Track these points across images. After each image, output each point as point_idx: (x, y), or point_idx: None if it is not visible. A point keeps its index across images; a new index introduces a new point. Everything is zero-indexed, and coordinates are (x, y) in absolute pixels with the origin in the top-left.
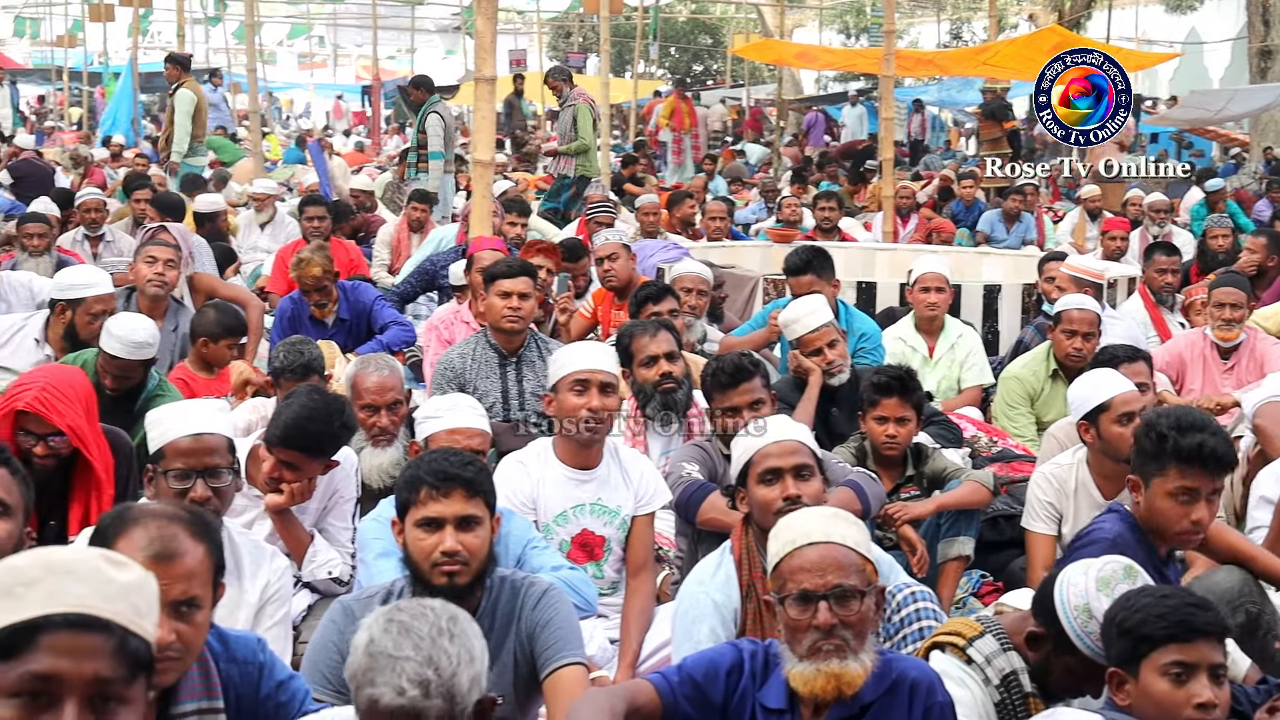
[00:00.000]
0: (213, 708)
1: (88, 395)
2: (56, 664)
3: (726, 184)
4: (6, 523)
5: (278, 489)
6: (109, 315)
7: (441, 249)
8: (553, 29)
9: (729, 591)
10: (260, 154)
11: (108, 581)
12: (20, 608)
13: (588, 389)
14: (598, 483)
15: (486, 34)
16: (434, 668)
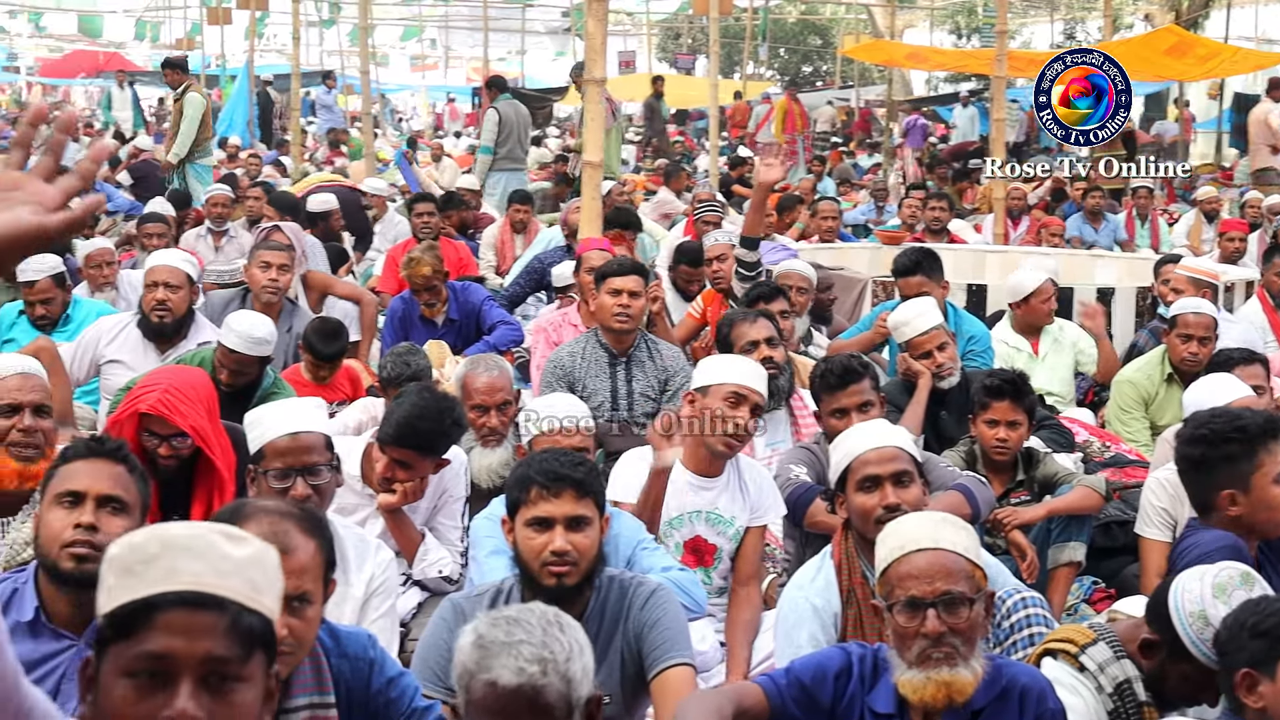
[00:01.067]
0: (324, 702)
1: (209, 395)
2: (170, 643)
3: (835, 185)
4: (123, 519)
5: (390, 489)
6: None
7: (549, 249)
8: (661, 30)
9: (828, 596)
10: (372, 155)
11: (224, 557)
12: (138, 585)
13: (741, 404)
14: (716, 491)
15: (597, 35)
16: (549, 650)
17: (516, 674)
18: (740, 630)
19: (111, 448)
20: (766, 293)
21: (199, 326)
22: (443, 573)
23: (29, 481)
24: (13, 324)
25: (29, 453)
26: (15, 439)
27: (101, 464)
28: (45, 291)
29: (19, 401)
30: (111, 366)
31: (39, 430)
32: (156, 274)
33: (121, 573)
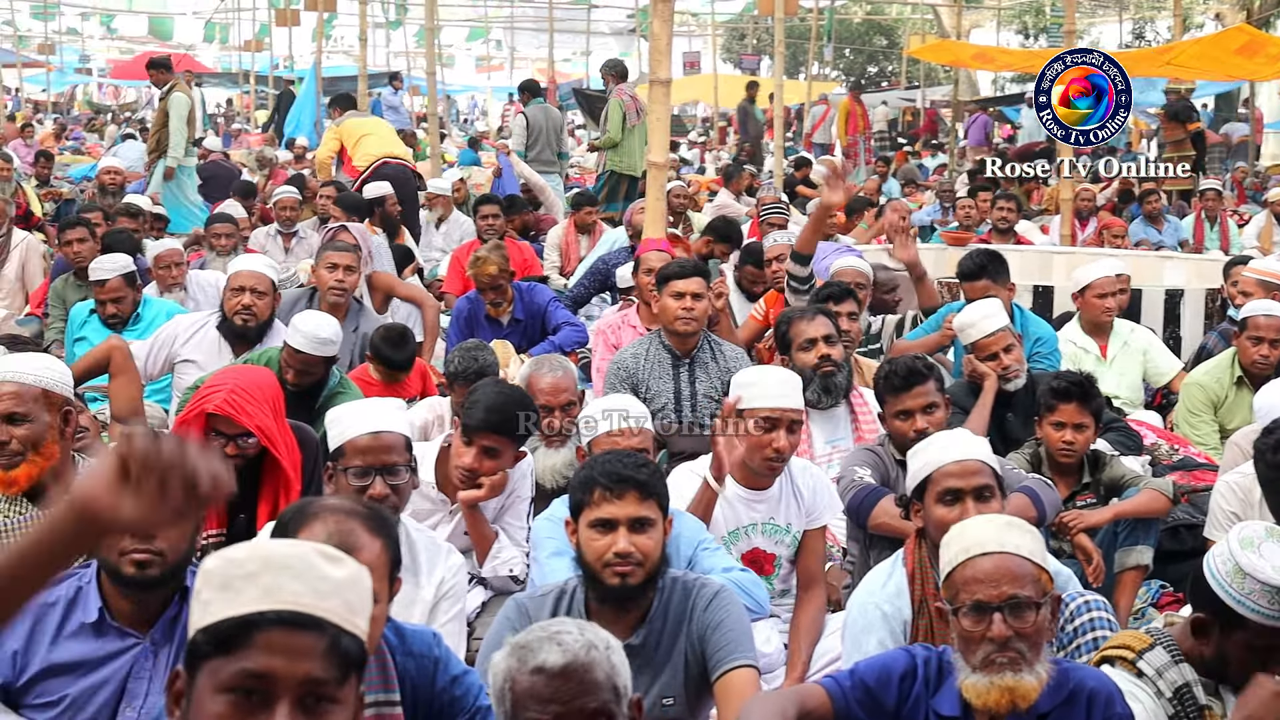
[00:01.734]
0: (389, 700)
1: (275, 395)
2: (270, 662)
3: (900, 186)
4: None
5: (476, 483)
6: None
7: (613, 250)
8: (727, 31)
9: (899, 604)
10: (439, 155)
11: (322, 578)
12: (238, 601)
13: (775, 427)
14: (770, 503)
15: (662, 36)
16: (589, 635)
17: (564, 654)
18: (802, 633)
19: None
20: (837, 293)
21: (275, 331)
22: (512, 572)
23: (11, 487)
24: (84, 322)
25: (3, 462)
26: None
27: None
28: (116, 291)
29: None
30: (185, 366)
31: (11, 439)
32: (242, 279)
33: (219, 588)
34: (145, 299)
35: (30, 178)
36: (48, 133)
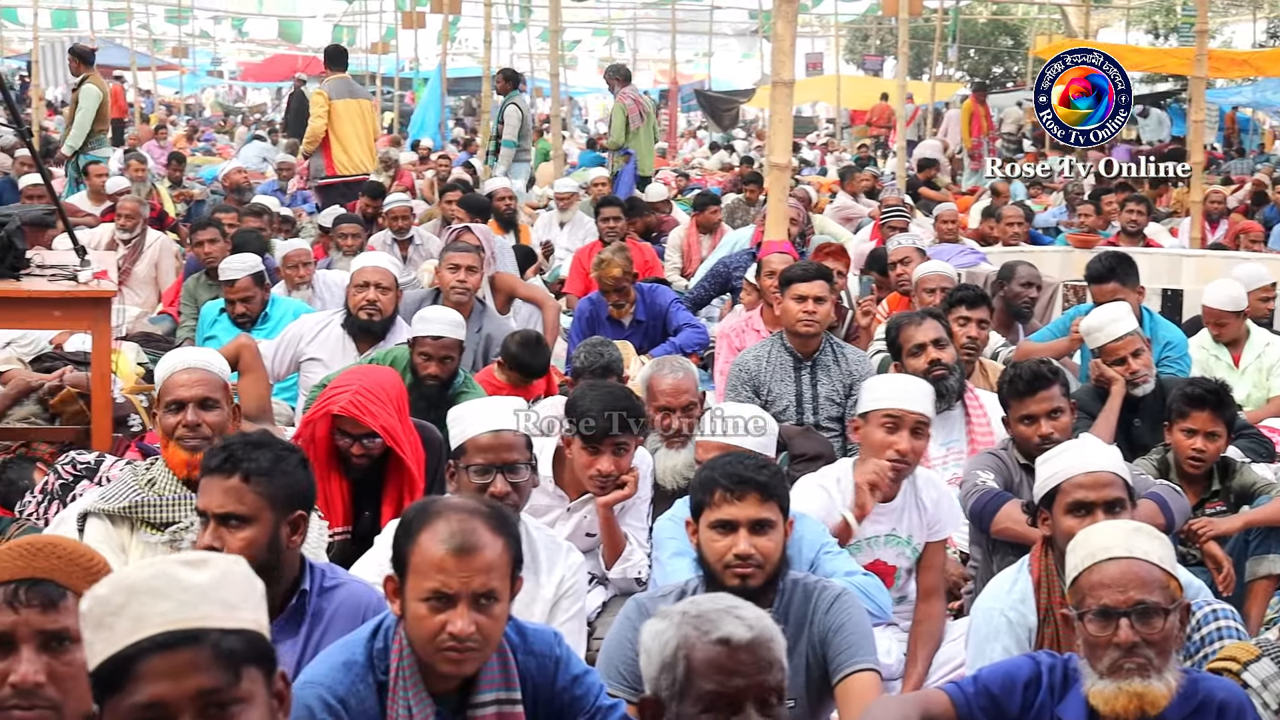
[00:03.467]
0: (510, 698)
1: (400, 395)
2: (157, 689)
3: (1025, 188)
4: (245, 531)
5: (617, 485)
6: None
7: (734, 252)
8: (850, 32)
9: (1024, 610)
10: (561, 156)
11: (187, 589)
12: (113, 638)
13: (899, 428)
14: (894, 515)
15: (786, 37)
16: (758, 611)
17: (749, 628)
18: (921, 641)
19: (216, 463)
20: (970, 298)
21: (398, 329)
22: (639, 574)
23: (197, 470)
24: (214, 321)
25: (193, 444)
26: (180, 433)
27: (215, 480)
28: (245, 290)
29: (183, 398)
30: (311, 364)
31: (202, 424)
32: (366, 274)
33: (95, 628)
34: (273, 298)
35: (163, 179)
36: (180, 135)
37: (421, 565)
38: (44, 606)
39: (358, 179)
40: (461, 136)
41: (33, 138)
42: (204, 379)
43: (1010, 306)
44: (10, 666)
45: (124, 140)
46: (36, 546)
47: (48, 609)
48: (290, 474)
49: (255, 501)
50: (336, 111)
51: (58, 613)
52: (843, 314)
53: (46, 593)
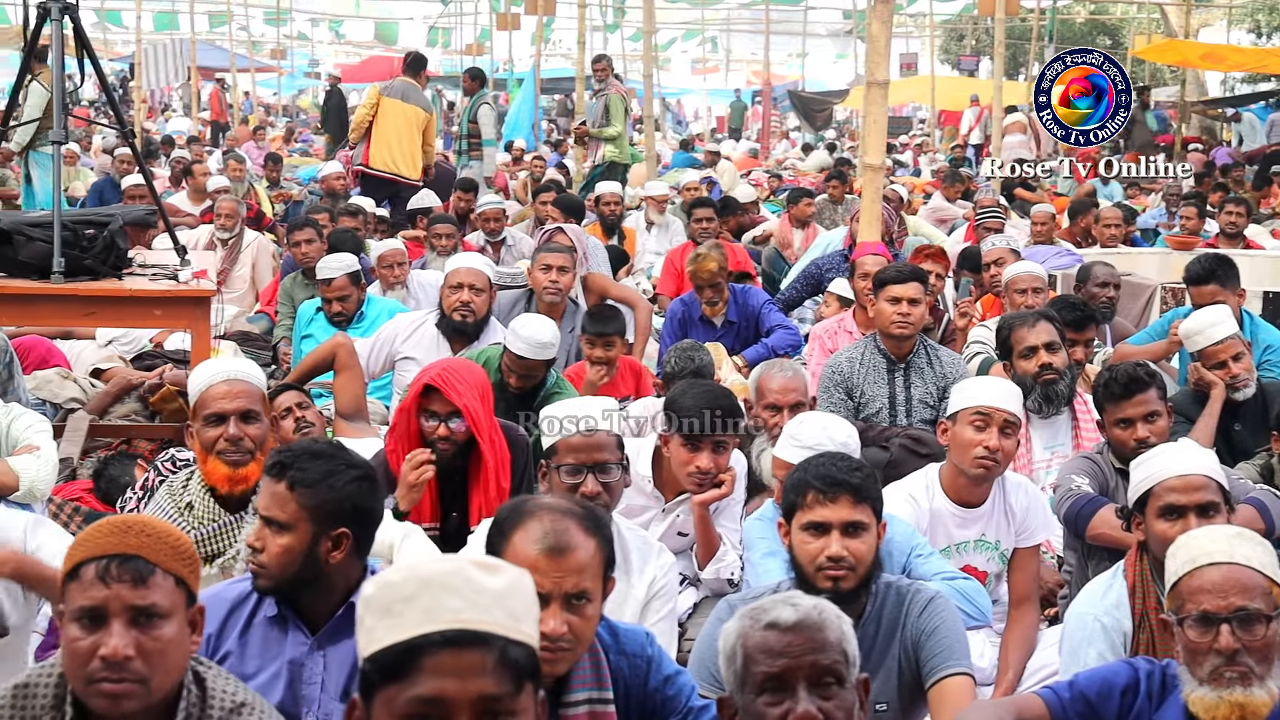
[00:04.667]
0: (603, 698)
1: (483, 384)
2: (441, 686)
3: (1122, 189)
4: (283, 537)
5: (715, 483)
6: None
7: (827, 253)
8: (944, 32)
9: (1118, 616)
10: (654, 158)
11: (481, 591)
12: (400, 626)
13: (988, 425)
14: (982, 521)
15: (881, 37)
16: (825, 602)
17: (796, 611)
18: (1013, 646)
19: (272, 466)
20: (1078, 319)
21: (492, 329)
22: (731, 575)
23: (239, 484)
24: (311, 320)
25: (235, 458)
26: (222, 447)
27: (267, 482)
28: (342, 289)
29: (224, 410)
30: (405, 363)
31: (245, 437)
32: (461, 275)
33: (380, 613)
34: (369, 297)
35: (261, 179)
36: (278, 136)
37: (514, 565)
38: (134, 582)
39: (389, 177)
40: (555, 137)
41: (134, 138)
42: (244, 390)
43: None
44: (101, 640)
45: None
46: (127, 524)
47: (137, 584)
48: (338, 490)
49: (295, 511)
50: (383, 108)
51: (147, 589)
52: (939, 316)
53: (137, 569)
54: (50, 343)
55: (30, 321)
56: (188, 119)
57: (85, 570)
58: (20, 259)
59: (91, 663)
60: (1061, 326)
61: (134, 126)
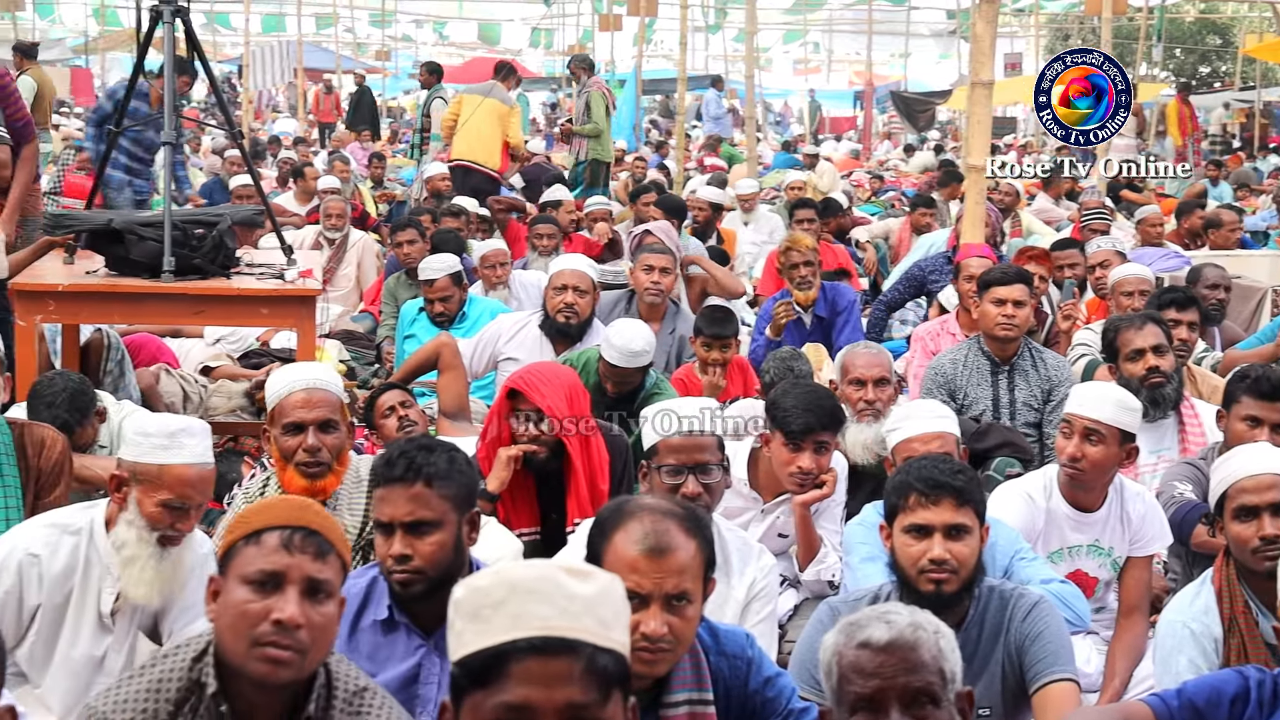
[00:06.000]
0: (703, 699)
1: (572, 385)
2: (529, 694)
3: (1232, 190)
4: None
5: (816, 483)
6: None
7: (929, 255)
8: (1050, 32)
9: (1207, 621)
10: (755, 159)
11: (571, 598)
12: (488, 631)
13: (1072, 433)
14: (1098, 525)
15: (985, 37)
16: (918, 618)
17: (890, 630)
18: (1120, 654)
19: (399, 472)
20: (1180, 299)
21: (595, 330)
22: (832, 577)
23: (317, 496)
24: (413, 320)
25: (314, 470)
26: (301, 458)
27: (398, 489)
28: (444, 290)
29: (303, 420)
30: (508, 364)
31: (323, 448)
32: (565, 277)
33: (469, 618)
34: (470, 298)
35: (366, 179)
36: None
37: (614, 565)
38: (315, 555)
39: (468, 165)
40: (656, 138)
41: (243, 139)
42: (324, 399)
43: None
44: (275, 605)
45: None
46: (303, 503)
47: (317, 558)
48: (465, 473)
49: (441, 505)
50: (464, 104)
51: (324, 563)
52: (1042, 318)
53: (318, 543)
54: (160, 340)
55: (141, 319)
56: (294, 120)
57: (268, 536)
58: (132, 258)
59: (261, 625)
60: (1168, 329)
61: (242, 128)
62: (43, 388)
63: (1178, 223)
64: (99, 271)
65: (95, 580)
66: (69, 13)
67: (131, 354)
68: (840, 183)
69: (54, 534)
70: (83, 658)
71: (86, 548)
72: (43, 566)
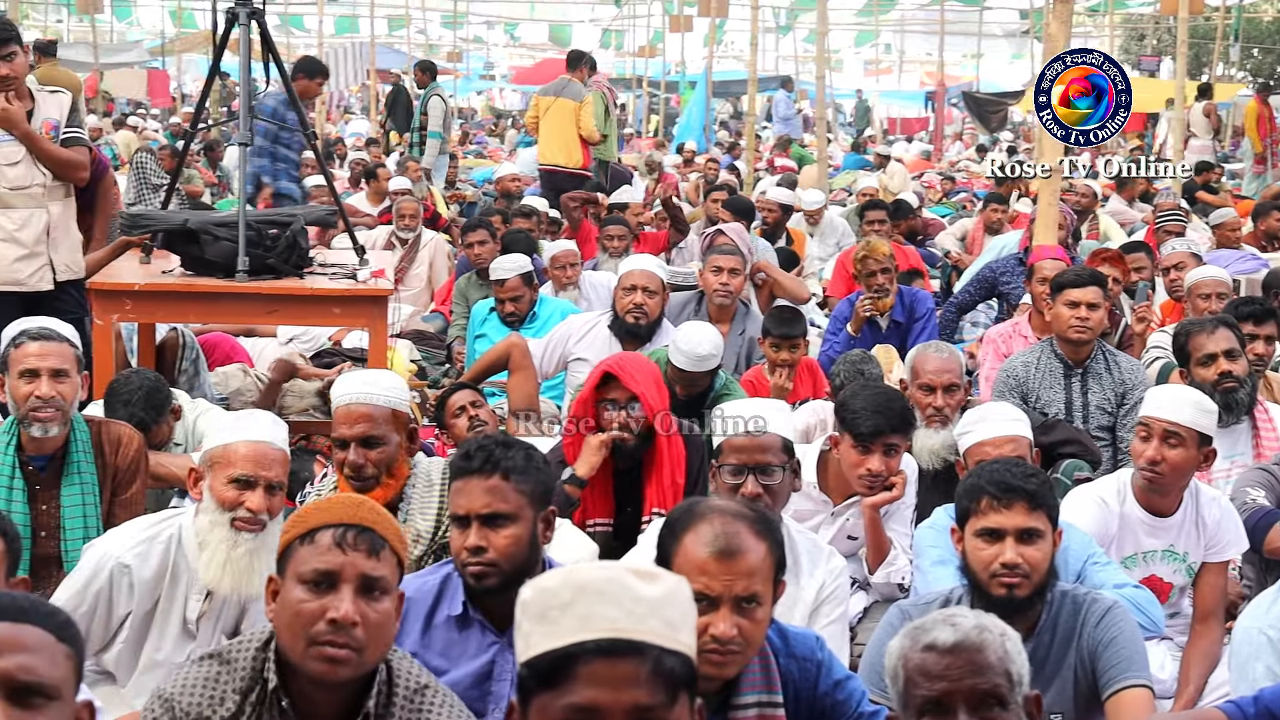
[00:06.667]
0: (772, 701)
1: (658, 376)
2: (595, 696)
3: None
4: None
5: (886, 485)
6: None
7: (1001, 257)
8: (1125, 32)
9: None
10: (825, 160)
11: (638, 600)
12: (555, 632)
13: (1150, 436)
14: (1173, 530)
15: (1060, 37)
16: (984, 621)
17: (955, 632)
18: (1195, 661)
19: (477, 464)
20: (1258, 313)
21: (664, 331)
22: (902, 579)
23: None
24: (484, 320)
25: (358, 485)
26: (347, 472)
27: (475, 481)
28: (515, 290)
29: (344, 436)
30: (578, 364)
31: (366, 464)
32: (635, 278)
33: (536, 619)
34: (541, 298)
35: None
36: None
37: (684, 566)
38: (369, 552)
39: (550, 169)
40: (726, 139)
41: (316, 140)
42: (364, 414)
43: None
44: (330, 603)
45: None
46: (359, 500)
47: (371, 555)
48: (542, 470)
49: (517, 499)
50: (540, 106)
51: (378, 560)
52: (1116, 321)
53: (371, 540)
54: (234, 340)
55: (215, 319)
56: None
57: (322, 535)
58: (207, 258)
59: (317, 624)
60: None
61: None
62: (119, 386)
63: (1254, 224)
64: (174, 271)
65: (182, 587)
66: (146, 15)
67: (206, 353)
68: (911, 184)
69: (144, 544)
70: (167, 662)
71: (175, 555)
72: (133, 576)
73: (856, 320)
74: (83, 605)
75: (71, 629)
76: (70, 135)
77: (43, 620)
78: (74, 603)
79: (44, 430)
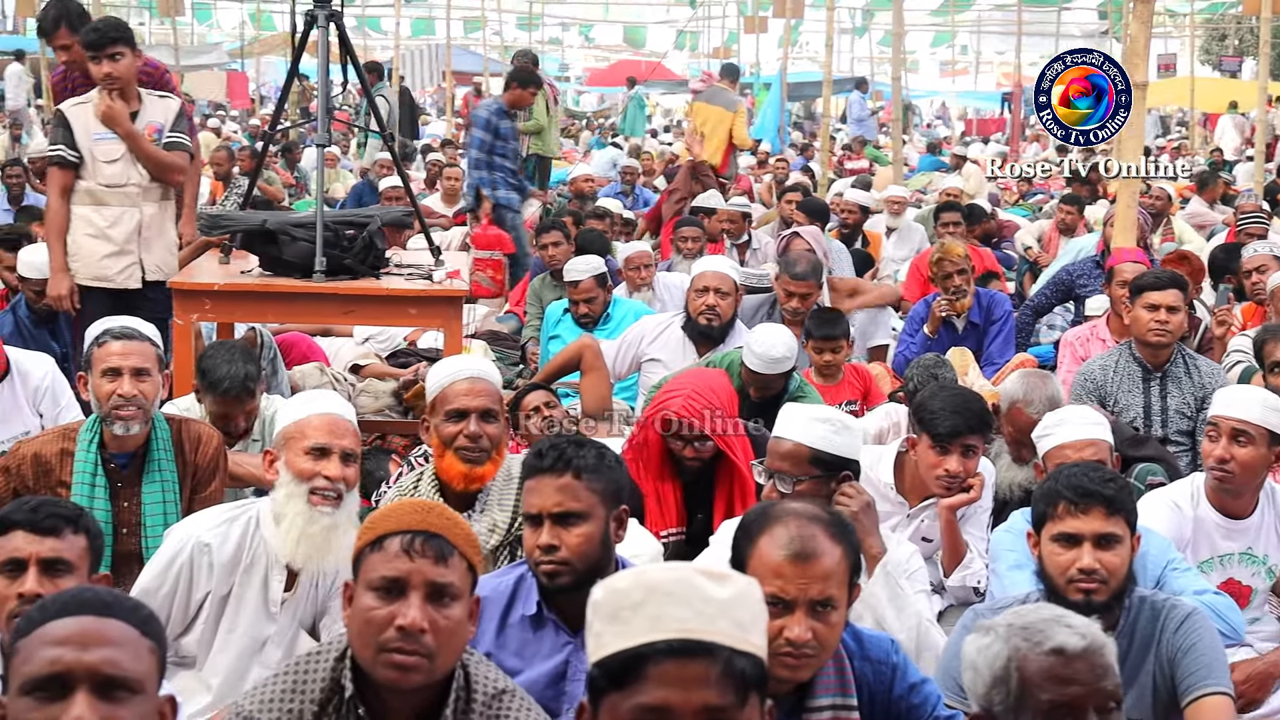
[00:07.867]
0: (846, 704)
1: (730, 397)
2: (666, 696)
3: None
4: (581, 527)
5: (964, 487)
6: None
7: (1078, 260)
8: (1205, 32)
9: None
10: (900, 161)
11: (708, 601)
12: (627, 633)
13: (1219, 435)
14: (1250, 532)
15: (1140, 38)
16: (1091, 623)
17: (1081, 637)
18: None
19: (549, 462)
20: None
21: (737, 332)
22: (977, 583)
23: (474, 483)
24: (558, 321)
25: (474, 456)
26: (462, 444)
27: (547, 479)
28: (588, 291)
29: (466, 407)
30: (651, 365)
31: (484, 436)
32: (707, 279)
33: (608, 619)
34: (615, 299)
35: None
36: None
37: (759, 570)
38: (436, 559)
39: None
40: (800, 141)
41: (394, 142)
42: (486, 389)
43: None
44: (398, 610)
45: None
46: (428, 505)
47: (438, 562)
48: (615, 469)
49: (590, 498)
50: (696, 111)
51: (446, 567)
52: (1195, 324)
53: (439, 546)
54: (311, 339)
55: (293, 318)
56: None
57: (390, 542)
58: (285, 258)
59: (386, 631)
60: None
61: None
62: (214, 350)
63: None
64: (253, 271)
65: (262, 569)
66: (226, 17)
67: (283, 352)
68: (987, 185)
69: (224, 525)
70: (244, 639)
71: (254, 536)
72: (213, 555)
73: (933, 321)
74: (164, 586)
75: (155, 624)
76: (173, 140)
77: (127, 615)
78: (156, 583)
79: (126, 428)
